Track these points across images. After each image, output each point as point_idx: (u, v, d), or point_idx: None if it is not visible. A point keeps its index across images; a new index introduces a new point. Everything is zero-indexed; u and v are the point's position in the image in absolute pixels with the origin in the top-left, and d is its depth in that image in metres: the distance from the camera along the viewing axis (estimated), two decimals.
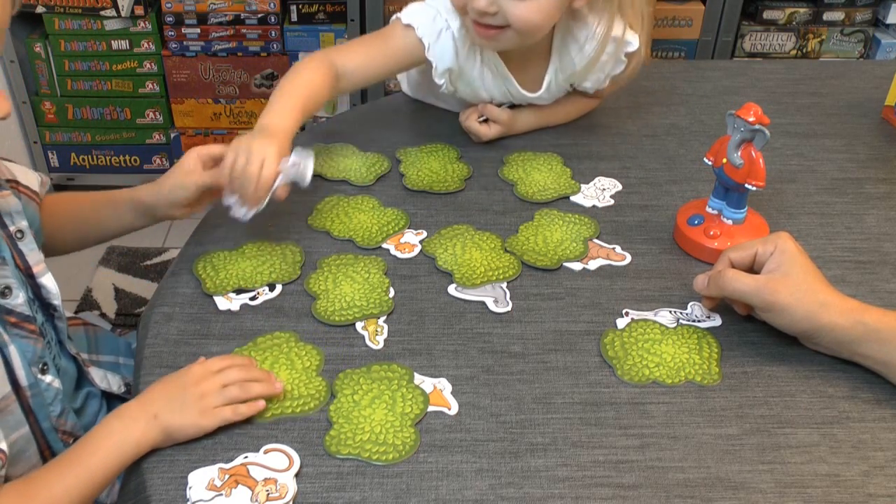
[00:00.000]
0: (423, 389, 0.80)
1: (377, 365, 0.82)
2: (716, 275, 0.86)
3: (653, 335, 0.87)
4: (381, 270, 0.93)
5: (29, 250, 0.84)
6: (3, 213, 0.82)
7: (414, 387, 0.80)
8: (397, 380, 0.80)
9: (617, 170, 1.14)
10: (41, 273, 0.84)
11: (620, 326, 0.88)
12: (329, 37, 2.19)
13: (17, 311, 0.79)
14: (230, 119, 2.27)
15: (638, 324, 0.88)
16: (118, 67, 2.19)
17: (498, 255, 0.97)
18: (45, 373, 0.82)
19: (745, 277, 0.83)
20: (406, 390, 0.79)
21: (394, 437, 0.75)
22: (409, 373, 0.81)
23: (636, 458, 0.74)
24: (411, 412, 0.77)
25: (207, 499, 0.69)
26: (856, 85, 1.39)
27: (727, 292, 0.85)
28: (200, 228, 1.01)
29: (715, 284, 0.86)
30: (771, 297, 0.81)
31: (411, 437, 0.75)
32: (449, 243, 0.98)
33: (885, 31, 2.20)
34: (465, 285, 0.92)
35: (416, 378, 0.81)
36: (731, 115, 0.93)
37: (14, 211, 0.84)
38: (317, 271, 0.93)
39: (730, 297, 0.86)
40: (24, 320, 0.80)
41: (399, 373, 0.81)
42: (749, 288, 0.83)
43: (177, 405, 0.74)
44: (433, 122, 1.24)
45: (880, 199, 1.10)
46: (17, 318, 0.79)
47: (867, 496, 0.71)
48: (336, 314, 0.87)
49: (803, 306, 0.81)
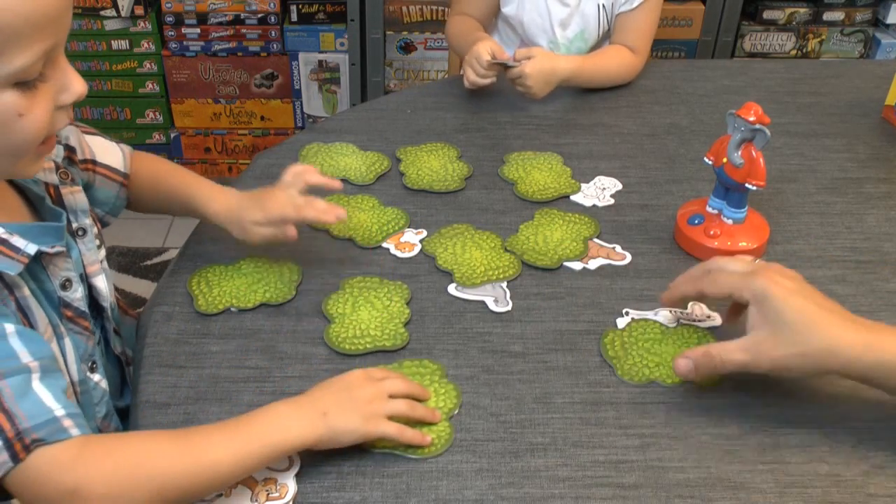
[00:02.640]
0: (456, 384, 0.80)
1: (408, 361, 0.82)
2: (701, 356, 0.75)
3: (653, 335, 0.86)
4: (404, 300, 0.90)
5: (87, 249, 0.83)
6: (70, 210, 0.81)
7: (447, 381, 0.80)
8: (429, 375, 0.80)
9: (617, 169, 1.14)
10: (95, 273, 0.83)
11: (621, 326, 0.88)
12: (329, 37, 2.19)
13: (73, 306, 0.79)
14: (230, 119, 2.26)
15: (638, 323, 0.88)
16: (118, 67, 2.19)
17: (498, 255, 0.97)
18: (93, 371, 0.82)
19: (736, 352, 0.73)
20: (439, 385, 0.79)
21: (429, 430, 0.75)
22: (441, 368, 0.81)
23: (636, 458, 0.74)
24: (445, 406, 0.77)
25: (208, 499, 0.69)
26: (856, 85, 1.39)
27: (723, 372, 0.75)
28: (200, 227, 1.01)
29: (705, 366, 0.75)
30: (769, 363, 0.71)
31: (446, 431, 0.75)
32: (449, 242, 0.98)
33: (885, 31, 2.20)
34: (465, 284, 0.92)
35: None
36: (732, 115, 0.93)
37: (80, 209, 0.83)
38: (338, 292, 0.91)
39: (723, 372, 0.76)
40: (80, 316, 0.80)
41: (430, 368, 0.81)
42: (742, 361, 0.73)
43: (345, 407, 0.72)
44: (433, 121, 1.25)
45: (880, 199, 1.10)
46: (74, 312, 0.79)
47: (867, 496, 0.71)
48: (347, 342, 0.84)
49: (807, 360, 0.71)
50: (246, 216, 0.90)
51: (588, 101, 1.32)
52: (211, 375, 0.81)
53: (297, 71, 2.22)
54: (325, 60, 2.22)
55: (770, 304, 0.71)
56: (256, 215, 0.90)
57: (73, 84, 0.67)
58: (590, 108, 1.31)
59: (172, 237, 2.19)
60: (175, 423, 0.76)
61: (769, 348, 0.71)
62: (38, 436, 0.63)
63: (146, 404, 0.78)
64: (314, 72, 2.23)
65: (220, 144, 2.30)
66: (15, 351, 0.66)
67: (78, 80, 0.68)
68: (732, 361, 0.73)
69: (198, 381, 0.80)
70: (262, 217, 0.89)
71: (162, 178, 0.97)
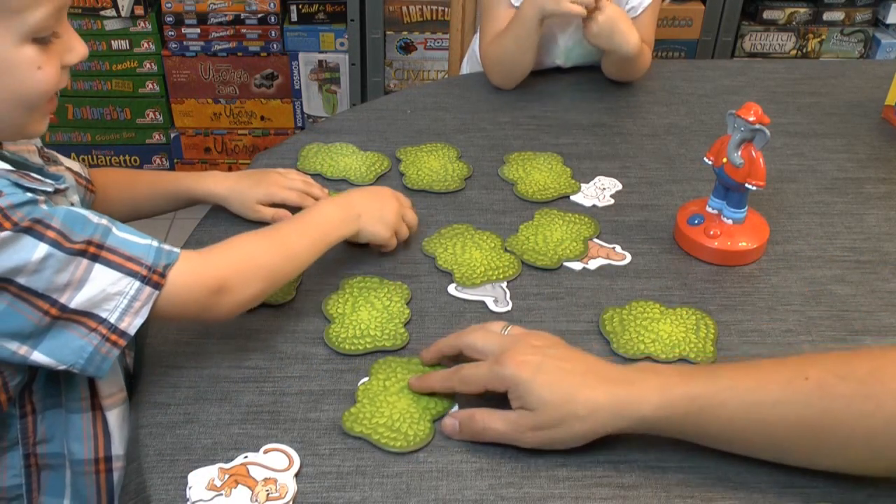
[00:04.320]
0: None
1: (417, 358, 0.82)
2: (466, 419, 0.74)
3: (652, 314, 0.88)
4: (404, 300, 0.90)
5: None
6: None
7: None
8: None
9: (617, 169, 1.14)
10: None
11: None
12: (329, 37, 2.19)
13: None
14: (230, 119, 2.27)
15: (639, 302, 0.89)
16: (118, 67, 2.19)
17: (498, 255, 0.97)
18: None
19: (498, 422, 0.72)
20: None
21: (409, 427, 0.75)
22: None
23: (636, 458, 0.74)
24: (434, 408, 0.77)
25: (207, 499, 0.69)
26: (856, 85, 1.39)
27: (483, 439, 0.73)
28: (200, 227, 1.01)
29: (467, 430, 0.74)
30: (532, 438, 0.71)
31: (424, 431, 0.75)
32: (449, 243, 0.98)
33: (885, 31, 2.20)
34: (464, 285, 0.92)
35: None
36: (732, 115, 0.93)
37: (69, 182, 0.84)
38: (337, 292, 0.91)
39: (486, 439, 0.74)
40: None
41: (436, 369, 0.81)
42: (503, 431, 0.72)
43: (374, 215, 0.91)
44: (433, 121, 1.25)
45: (880, 199, 1.10)
46: None
47: (867, 496, 0.71)
48: (347, 342, 0.84)
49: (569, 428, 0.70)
50: (250, 194, 0.99)
51: (588, 101, 1.32)
52: (211, 375, 0.81)
53: (297, 71, 2.22)
54: (325, 60, 2.22)
55: (521, 388, 0.70)
56: (259, 194, 0.99)
57: (77, 46, 0.75)
58: (590, 108, 1.31)
59: (172, 237, 2.19)
60: (175, 423, 0.76)
61: (528, 424, 0.71)
62: (164, 262, 0.73)
63: (146, 404, 0.78)
64: (314, 72, 2.23)
65: (220, 144, 2.30)
66: (87, 216, 0.71)
67: (81, 43, 0.76)
68: (493, 430, 0.72)
69: (198, 381, 0.80)
70: (265, 196, 0.99)
71: (137, 178, 1.05)
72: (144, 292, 0.71)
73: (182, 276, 0.74)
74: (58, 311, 0.69)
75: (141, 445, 0.75)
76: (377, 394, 0.78)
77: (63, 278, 0.68)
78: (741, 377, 0.69)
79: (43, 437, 0.80)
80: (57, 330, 0.69)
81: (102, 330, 0.70)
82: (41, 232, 0.67)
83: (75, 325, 0.70)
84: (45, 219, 0.68)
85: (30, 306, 0.68)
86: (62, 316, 0.69)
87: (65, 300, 0.68)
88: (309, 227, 0.86)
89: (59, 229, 0.68)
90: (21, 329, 0.68)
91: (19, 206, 0.67)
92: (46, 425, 0.80)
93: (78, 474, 0.81)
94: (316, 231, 0.86)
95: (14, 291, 0.67)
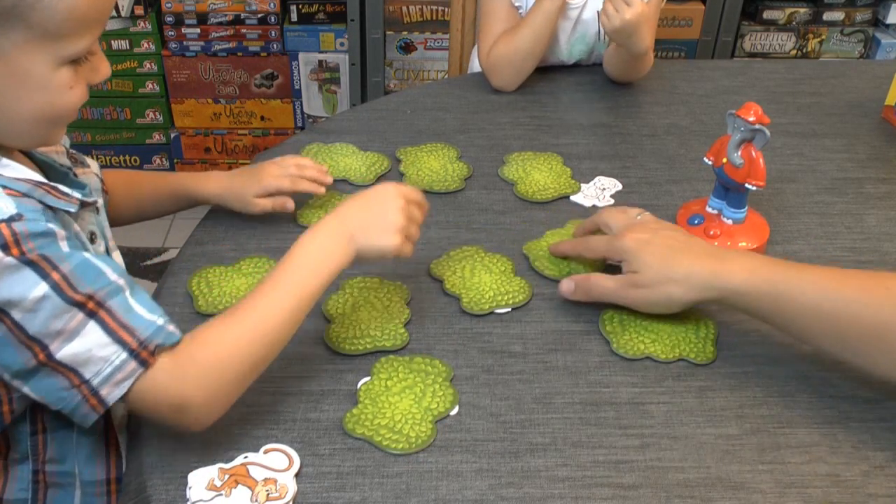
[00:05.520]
0: (455, 390, 0.79)
1: (420, 357, 0.82)
2: (581, 280, 0.88)
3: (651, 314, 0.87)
4: (404, 300, 0.90)
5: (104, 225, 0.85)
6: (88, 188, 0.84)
7: (448, 385, 0.80)
8: (434, 375, 0.81)
9: (617, 169, 1.14)
10: (112, 248, 0.86)
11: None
12: (329, 37, 2.19)
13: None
14: (230, 119, 2.27)
15: None
16: (118, 67, 2.19)
17: (508, 280, 0.93)
18: None
19: (607, 280, 0.86)
20: (439, 387, 0.79)
21: (410, 428, 0.75)
22: (449, 371, 0.81)
23: (636, 458, 0.74)
24: (436, 409, 0.77)
25: (207, 499, 0.69)
26: (856, 85, 1.39)
27: (593, 296, 0.87)
28: (200, 227, 1.01)
29: (581, 289, 0.87)
30: (634, 294, 0.84)
31: (426, 432, 0.75)
32: (458, 266, 0.95)
33: (885, 31, 2.20)
34: (472, 310, 0.89)
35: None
36: (732, 115, 0.93)
37: (94, 188, 0.86)
38: (337, 292, 0.91)
39: (597, 300, 0.87)
40: None
41: (438, 369, 0.81)
42: (611, 287, 0.85)
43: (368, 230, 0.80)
44: (433, 121, 1.25)
45: (880, 199, 1.10)
46: None
47: (867, 496, 0.71)
48: (347, 342, 0.84)
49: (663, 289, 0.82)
50: (247, 190, 0.99)
51: (588, 101, 1.32)
52: None
53: (297, 71, 2.22)
54: (325, 60, 2.22)
55: (630, 255, 0.83)
56: (254, 188, 0.99)
57: (102, 67, 0.76)
58: (590, 108, 1.31)
59: (172, 237, 2.19)
60: None
61: (632, 282, 0.83)
62: (157, 342, 0.69)
63: None
64: (314, 72, 2.23)
65: (220, 144, 2.30)
66: (103, 271, 0.69)
67: (107, 64, 0.77)
68: (603, 286, 0.85)
69: None
70: (261, 189, 0.98)
71: (140, 179, 1.04)
72: (129, 366, 0.67)
73: (145, 394, 0.69)
74: (45, 357, 0.66)
75: (141, 445, 0.75)
76: (379, 394, 0.78)
77: (57, 325, 0.65)
78: (825, 274, 0.76)
79: (53, 456, 0.79)
80: (44, 374, 0.67)
81: (84, 390, 0.67)
82: (46, 271, 0.65)
83: (61, 375, 0.67)
84: (54, 258, 0.66)
85: (21, 345, 0.65)
86: (48, 363, 0.66)
87: (53, 349, 0.66)
88: (288, 291, 0.75)
89: (66, 275, 0.66)
90: (11, 364, 0.66)
91: (34, 237, 0.65)
92: (56, 445, 0.79)
93: (89, 495, 0.81)
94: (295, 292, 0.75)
95: (8, 325, 0.65)
